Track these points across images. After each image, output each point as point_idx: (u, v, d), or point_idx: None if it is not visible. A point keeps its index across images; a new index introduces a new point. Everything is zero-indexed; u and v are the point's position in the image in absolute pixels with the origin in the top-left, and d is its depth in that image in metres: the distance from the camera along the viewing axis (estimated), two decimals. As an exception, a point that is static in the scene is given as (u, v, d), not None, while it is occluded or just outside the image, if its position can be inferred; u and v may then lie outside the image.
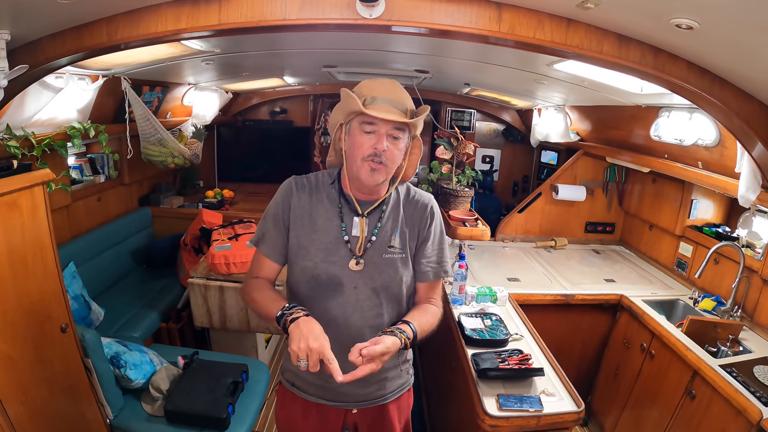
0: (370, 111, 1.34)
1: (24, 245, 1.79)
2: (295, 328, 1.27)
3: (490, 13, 1.50)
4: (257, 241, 1.54)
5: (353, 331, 1.47)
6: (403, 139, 1.43)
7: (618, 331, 2.96)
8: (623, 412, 2.78)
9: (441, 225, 1.62)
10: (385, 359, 1.31)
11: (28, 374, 1.80)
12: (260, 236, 1.53)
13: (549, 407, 1.81)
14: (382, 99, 1.38)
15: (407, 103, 1.43)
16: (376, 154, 1.38)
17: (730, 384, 1.99)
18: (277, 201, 1.52)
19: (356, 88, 1.44)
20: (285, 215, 1.50)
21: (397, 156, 1.43)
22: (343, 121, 1.46)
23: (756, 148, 1.84)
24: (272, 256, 1.52)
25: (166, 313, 3.31)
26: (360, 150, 1.40)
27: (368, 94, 1.39)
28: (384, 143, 1.38)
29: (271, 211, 1.52)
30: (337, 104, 1.50)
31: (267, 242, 1.52)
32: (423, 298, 1.60)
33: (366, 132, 1.39)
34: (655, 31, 1.45)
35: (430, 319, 1.52)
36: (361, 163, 1.40)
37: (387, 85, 1.42)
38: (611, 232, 3.96)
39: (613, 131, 3.40)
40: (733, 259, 2.71)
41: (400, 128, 1.40)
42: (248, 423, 2.31)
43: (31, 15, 1.48)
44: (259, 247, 1.53)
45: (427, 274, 1.57)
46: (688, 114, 2.46)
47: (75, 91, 2.49)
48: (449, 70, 3.53)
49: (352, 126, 1.43)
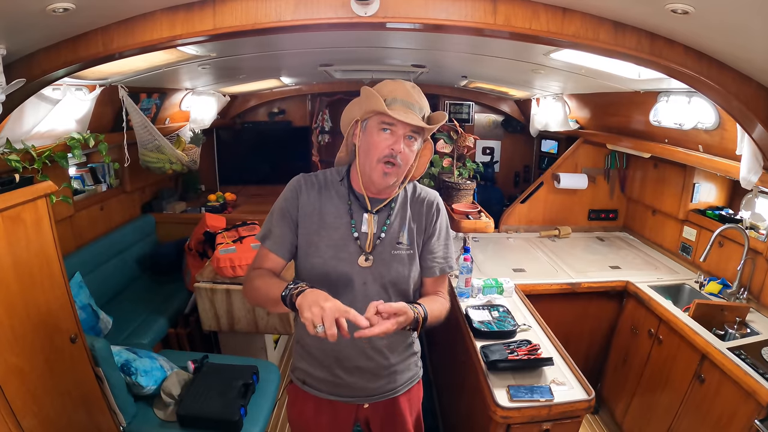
0: (392, 113, 1.36)
1: (29, 258, 1.80)
2: (303, 298, 1.25)
3: (485, 6, 1.50)
4: (263, 237, 1.55)
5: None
6: (417, 141, 1.46)
7: (625, 317, 2.96)
8: (633, 398, 2.78)
9: (446, 221, 1.65)
10: (400, 321, 1.31)
11: (40, 386, 1.81)
12: (266, 232, 1.54)
13: (560, 396, 1.81)
14: (402, 101, 1.41)
15: (425, 107, 1.46)
16: (392, 155, 1.40)
17: (738, 366, 1.99)
18: (285, 197, 1.53)
19: (376, 87, 1.46)
20: (293, 212, 1.51)
21: (410, 158, 1.46)
22: (360, 118, 1.48)
23: (756, 130, 1.83)
24: (277, 251, 1.52)
25: (173, 318, 3.32)
26: (376, 150, 1.42)
27: (388, 95, 1.42)
28: (401, 145, 1.40)
29: (279, 207, 1.53)
30: (354, 100, 1.52)
31: (273, 237, 1.52)
32: (431, 292, 1.63)
33: (383, 130, 1.41)
34: (650, 17, 1.44)
35: (439, 307, 1.54)
36: (375, 164, 1.43)
37: (407, 88, 1.44)
38: (614, 218, 3.95)
39: (612, 118, 3.39)
40: (737, 242, 2.70)
41: (416, 131, 1.43)
42: (261, 424, 2.32)
43: (26, 28, 1.48)
44: (265, 243, 1.53)
45: (433, 270, 1.59)
46: (687, 98, 2.45)
47: (73, 101, 2.50)
48: (446, 63, 3.52)
49: (369, 124, 1.45)
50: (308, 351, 1.60)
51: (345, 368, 1.56)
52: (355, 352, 1.53)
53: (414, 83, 1.47)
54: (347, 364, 1.55)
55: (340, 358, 1.54)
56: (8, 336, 1.67)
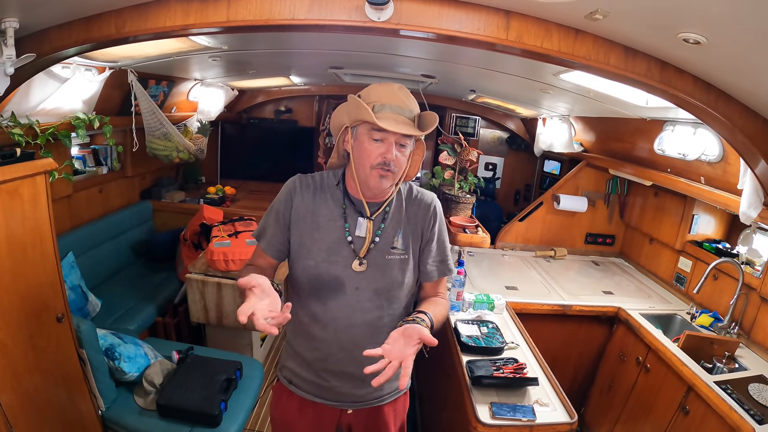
0: (382, 123, 1.35)
1: (24, 233, 1.79)
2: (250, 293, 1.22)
3: (498, 21, 1.50)
4: (258, 234, 1.57)
5: (354, 332, 1.49)
6: (409, 146, 1.45)
7: (614, 343, 2.95)
8: (616, 425, 2.76)
9: (444, 224, 1.64)
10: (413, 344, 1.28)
11: (22, 362, 1.80)
12: (261, 230, 1.55)
13: (542, 417, 1.80)
14: (390, 107, 1.40)
15: (414, 109, 1.44)
16: (385, 162, 1.39)
17: (724, 401, 1.99)
18: (280, 199, 1.53)
19: (363, 93, 1.45)
20: (287, 213, 1.50)
21: (403, 162, 1.45)
22: (349, 124, 1.47)
23: (759, 165, 1.84)
24: (269, 251, 1.53)
25: (162, 307, 3.32)
26: (369, 158, 1.40)
27: (376, 100, 1.40)
28: (393, 153, 1.39)
29: (274, 207, 1.54)
30: (340, 105, 1.52)
31: (266, 237, 1.54)
32: (430, 294, 1.63)
33: (375, 140, 1.40)
34: (662, 45, 1.45)
35: (441, 310, 1.55)
36: (370, 171, 1.42)
37: (394, 91, 1.42)
38: (611, 244, 3.95)
39: (617, 143, 3.40)
40: (732, 276, 2.70)
41: (407, 136, 1.41)
42: (240, 420, 2.30)
43: (40, 4, 1.48)
44: (259, 241, 1.55)
45: (432, 274, 1.59)
46: (693, 129, 2.46)
47: (81, 81, 2.50)
48: (456, 76, 3.53)
49: (359, 131, 1.43)
50: (298, 351, 1.59)
51: (332, 372, 1.55)
52: (346, 357, 1.52)
53: (402, 85, 1.46)
54: (335, 368, 1.54)
55: (329, 362, 1.53)
56: (-6, 309, 1.66)
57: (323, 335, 1.50)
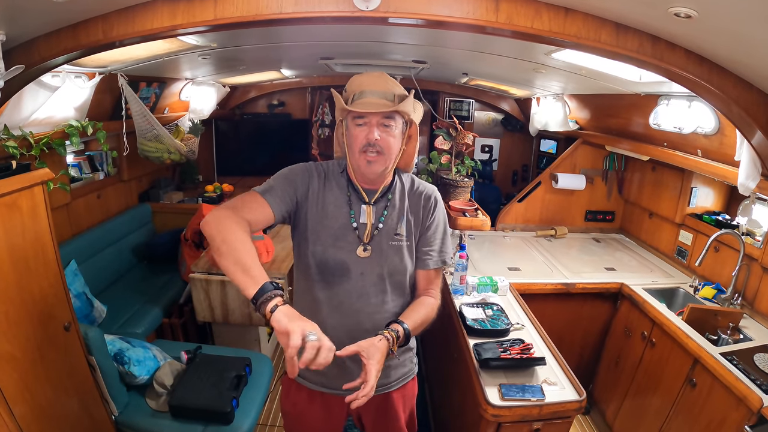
0: (353, 107, 1.44)
1: (25, 245, 1.79)
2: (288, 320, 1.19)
3: (487, 4, 1.49)
4: (263, 190, 1.48)
5: (359, 317, 1.54)
6: (395, 125, 1.48)
7: (619, 319, 2.97)
8: (624, 400, 2.79)
9: (444, 216, 1.68)
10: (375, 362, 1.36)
11: (32, 374, 1.81)
12: (268, 188, 1.49)
13: (551, 396, 1.82)
14: (370, 92, 1.46)
15: (395, 90, 1.49)
16: (369, 143, 1.45)
17: (730, 372, 2.00)
18: (296, 172, 1.55)
19: (347, 84, 1.53)
20: (302, 188, 1.53)
21: (392, 143, 1.48)
22: (340, 118, 1.55)
23: (755, 136, 1.83)
24: (273, 205, 1.45)
25: (168, 308, 3.33)
26: (356, 142, 1.47)
27: (357, 89, 1.48)
28: (375, 133, 1.44)
29: (289, 177, 1.53)
30: None
31: (274, 193, 1.48)
32: (422, 290, 1.65)
33: (358, 125, 1.47)
34: (653, 20, 1.44)
35: (428, 312, 1.58)
36: (358, 155, 1.48)
37: (374, 77, 1.50)
38: (611, 220, 3.96)
39: (612, 119, 3.39)
40: (733, 247, 2.71)
41: (389, 116, 1.46)
42: (252, 416, 2.32)
43: (26, 15, 1.47)
44: (264, 195, 1.47)
45: (426, 262, 1.63)
46: (687, 102, 2.44)
47: (72, 89, 2.48)
48: (447, 60, 3.51)
49: (347, 121, 1.51)
50: None
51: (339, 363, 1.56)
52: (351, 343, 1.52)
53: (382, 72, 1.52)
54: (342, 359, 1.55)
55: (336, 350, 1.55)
56: (1, 323, 1.67)
57: (330, 321, 1.52)
